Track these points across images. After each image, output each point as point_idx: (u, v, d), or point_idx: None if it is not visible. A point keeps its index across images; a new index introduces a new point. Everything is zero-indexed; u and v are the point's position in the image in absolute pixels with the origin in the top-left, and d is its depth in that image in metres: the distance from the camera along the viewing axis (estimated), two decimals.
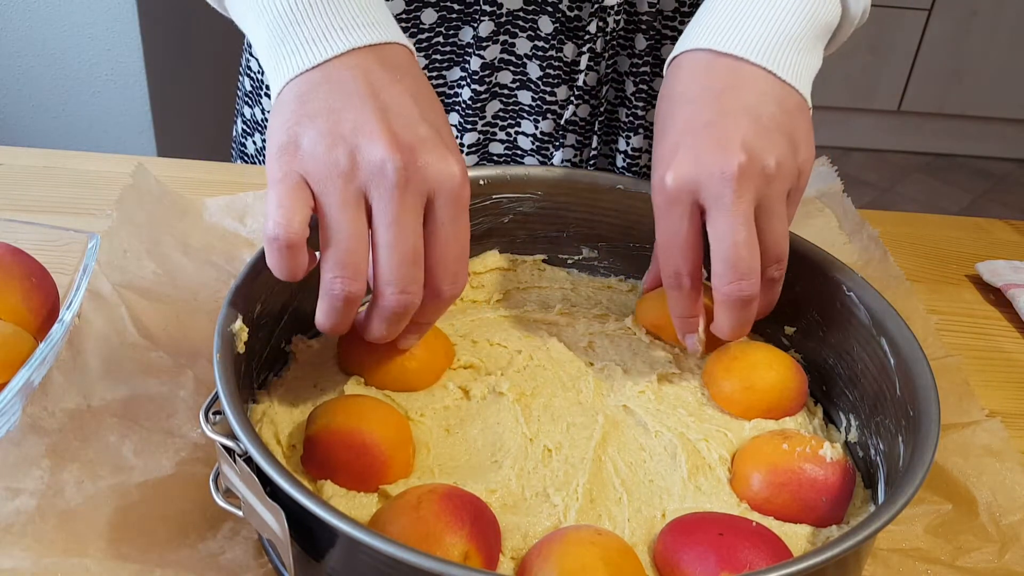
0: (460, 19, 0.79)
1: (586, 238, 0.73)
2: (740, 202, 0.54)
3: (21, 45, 1.81)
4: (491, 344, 0.65)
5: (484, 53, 0.79)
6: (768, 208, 0.55)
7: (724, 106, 0.56)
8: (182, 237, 0.76)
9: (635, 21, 0.81)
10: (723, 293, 0.55)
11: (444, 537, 0.47)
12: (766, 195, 0.55)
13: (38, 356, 0.57)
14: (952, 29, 2.72)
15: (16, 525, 0.52)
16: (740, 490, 0.56)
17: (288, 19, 0.52)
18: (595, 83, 0.81)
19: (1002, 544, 0.59)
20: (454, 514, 0.48)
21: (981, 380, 0.74)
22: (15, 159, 0.88)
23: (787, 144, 0.55)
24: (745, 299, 0.55)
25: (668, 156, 0.56)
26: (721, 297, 0.56)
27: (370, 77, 0.51)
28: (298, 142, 0.49)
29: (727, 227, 0.54)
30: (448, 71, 0.82)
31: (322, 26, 0.52)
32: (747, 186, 0.54)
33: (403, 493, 0.51)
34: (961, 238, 0.94)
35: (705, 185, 0.54)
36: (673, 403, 0.62)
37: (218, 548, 0.54)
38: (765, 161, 0.54)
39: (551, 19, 0.78)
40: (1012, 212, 2.73)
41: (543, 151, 0.85)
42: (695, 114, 0.56)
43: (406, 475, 0.55)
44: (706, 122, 0.56)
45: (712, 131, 0.55)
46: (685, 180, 0.55)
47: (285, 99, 0.51)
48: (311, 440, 0.54)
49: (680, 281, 0.58)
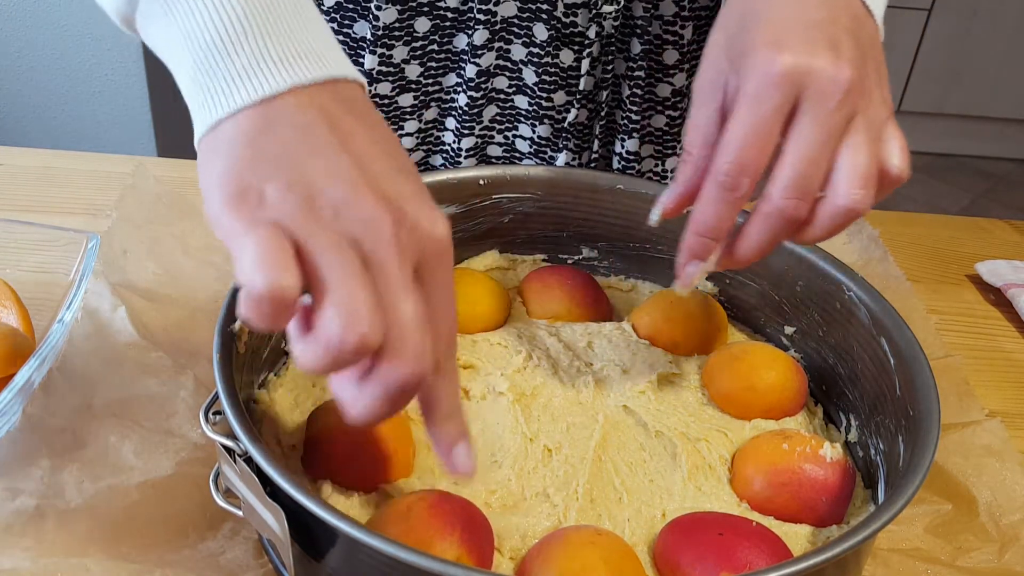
0: (454, 27, 0.79)
1: (586, 238, 0.73)
2: (837, 114, 0.48)
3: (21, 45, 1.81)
4: (491, 344, 0.65)
5: (480, 61, 0.79)
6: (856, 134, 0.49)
7: (832, 15, 0.50)
8: (182, 237, 0.76)
9: (630, 25, 0.80)
10: (772, 204, 0.49)
11: (434, 543, 0.47)
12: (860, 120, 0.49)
13: (38, 356, 0.57)
14: (952, 29, 2.72)
15: (16, 525, 0.52)
16: (740, 490, 0.56)
17: (219, 47, 0.44)
18: (592, 87, 0.81)
19: (1002, 544, 0.59)
20: (444, 520, 0.48)
21: (981, 380, 0.74)
22: (15, 159, 0.88)
23: (878, 76, 0.51)
24: (789, 219, 0.49)
25: (774, 40, 0.49)
26: (768, 208, 0.49)
27: (332, 120, 0.44)
28: (259, 191, 0.41)
29: (813, 137, 0.48)
30: (444, 77, 0.81)
31: (259, 56, 0.44)
32: (849, 101, 0.48)
33: (393, 501, 0.51)
34: (961, 238, 0.94)
35: (816, 79, 0.48)
36: (673, 403, 0.62)
37: (218, 548, 0.54)
38: (864, 83, 0.49)
39: (546, 26, 0.78)
40: (1012, 212, 2.73)
41: (540, 154, 0.85)
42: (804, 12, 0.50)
43: (407, 474, 0.55)
44: (818, 21, 0.50)
45: (824, 33, 0.49)
46: (801, 67, 0.48)
47: (224, 139, 0.43)
48: (312, 441, 0.54)
49: (738, 181, 0.50)
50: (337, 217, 0.42)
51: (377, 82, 0.80)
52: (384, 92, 0.81)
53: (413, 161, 0.48)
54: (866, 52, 0.51)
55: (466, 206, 0.70)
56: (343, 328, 0.40)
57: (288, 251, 0.40)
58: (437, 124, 0.84)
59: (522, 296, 0.70)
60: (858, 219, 0.50)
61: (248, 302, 0.39)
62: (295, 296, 0.40)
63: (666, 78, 0.83)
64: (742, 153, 0.49)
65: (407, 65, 0.80)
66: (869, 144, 0.49)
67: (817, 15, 0.50)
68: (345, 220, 0.42)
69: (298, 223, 0.41)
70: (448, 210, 0.69)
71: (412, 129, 0.83)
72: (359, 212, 0.42)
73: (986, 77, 2.79)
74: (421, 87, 0.81)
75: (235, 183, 0.42)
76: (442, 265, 0.45)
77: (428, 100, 0.83)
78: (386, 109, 0.82)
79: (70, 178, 0.86)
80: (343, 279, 0.41)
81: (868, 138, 0.49)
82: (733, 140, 0.49)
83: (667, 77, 0.83)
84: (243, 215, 0.41)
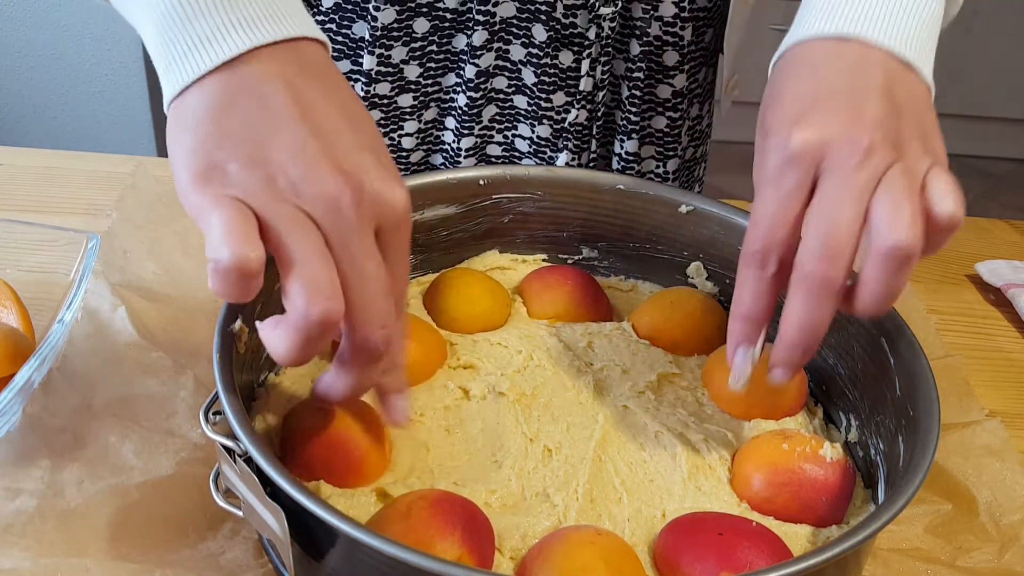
0: (453, 27, 0.79)
1: (586, 238, 0.73)
2: (860, 173, 0.47)
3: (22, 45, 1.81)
4: (491, 344, 0.65)
5: (479, 61, 0.79)
6: (888, 184, 0.47)
7: (855, 82, 0.50)
8: (182, 237, 0.76)
9: (630, 26, 0.80)
10: (803, 272, 0.47)
11: (435, 543, 0.47)
12: (893, 171, 0.48)
13: (38, 356, 0.57)
14: (952, 29, 2.70)
15: (16, 525, 0.52)
16: (740, 490, 0.56)
17: (180, 12, 0.44)
18: (592, 88, 0.81)
19: (1002, 544, 0.59)
20: (444, 519, 0.48)
21: (981, 380, 0.74)
22: (15, 159, 0.88)
23: (917, 130, 0.50)
24: (823, 284, 0.47)
25: (792, 118, 0.49)
26: (799, 277, 0.48)
27: (294, 90, 0.45)
28: (224, 169, 0.43)
29: (835, 198, 0.47)
30: (443, 78, 0.81)
31: (221, 20, 0.44)
32: (872, 159, 0.47)
33: (393, 501, 0.51)
34: (961, 238, 0.93)
35: (832, 148, 0.48)
36: (673, 403, 0.62)
37: (218, 548, 0.54)
38: (896, 139, 0.48)
39: (544, 27, 0.78)
40: (1012, 212, 2.73)
41: (540, 154, 0.85)
42: (823, 83, 0.50)
43: (381, 473, 0.54)
44: (836, 91, 0.50)
45: (844, 101, 0.49)
46: (813, 142, 0.48)
47: (191, 111, 0.44)
48: (286, 441, 0.54)
49: (766, 259, 0.49)
50: (297, 193, 0.43)
51: (376, 82, 0.80)
52: (383, 92, 0.81)
53: (375, 123, 0.49)
54: (902, 107, 0.50)
55: (466, 206, 0.70)
56: (307, 301, 0.42)
57: (252, 226, 0.42)
58: (437, 124, 0.84)
59: (522, 296, 0.70)
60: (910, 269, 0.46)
61: (215, 274, 0.42)
62: (259, 267, 0.42)
63: (666, 79, 0.83)
64: (768, 233, 0.49)
65: (406, 65, 0.80)
66: (906, 189, 0.47)
67: (838, 83, 0.50)
68: (305, 196, 0.43)
69: (260, 200, 0.43)
70: (448, 210, 0.69)
71: (412, 129, 0.83)
72: (319, 188, 0.43)
73: (986, 77, 2.79)
74: (420, 87, 0.81)
75: (201, 160, 0.43)
76: (398, 234, 0.47)
77: (428, 100, 0.83)
78: (385, 109, 0.82)
79: (70, 178, 0.86)
80: (305, 255, 0.43)
81: (904, 184, 0.47)
82: (758, 222, 0.49)
83: (667, 78, 0.83)
84: (208, 192, 0.43)
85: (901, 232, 0.46)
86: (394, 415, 0.52)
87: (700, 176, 0.96)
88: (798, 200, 0.48)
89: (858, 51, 0.51)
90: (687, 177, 0.93)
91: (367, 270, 0.45)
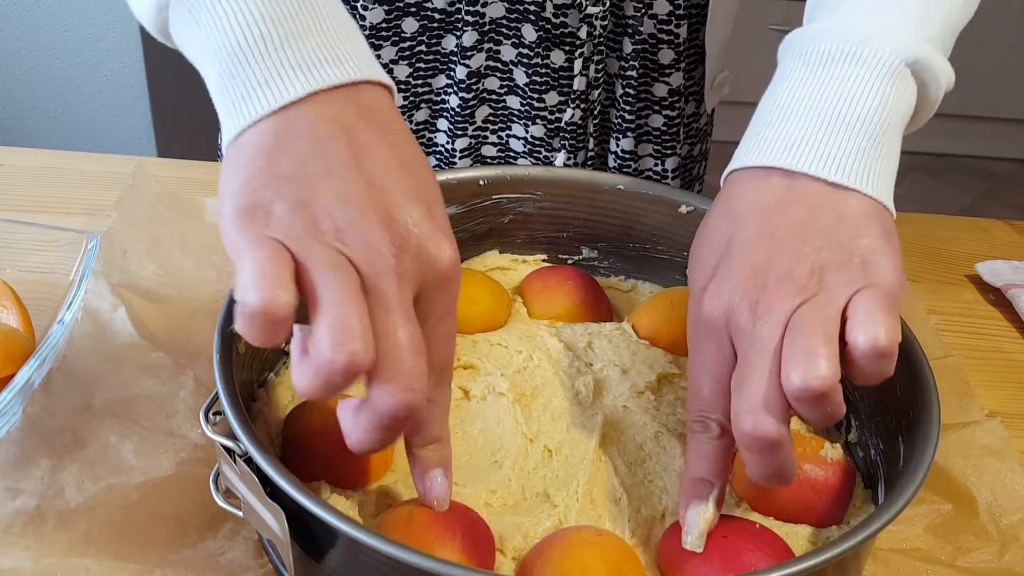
0: (442, 27, 0.79)
1: (586, 238, 0.73)
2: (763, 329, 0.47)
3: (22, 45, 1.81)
4: (491, 344, 0.65)
5: (469, 62, 0.79)
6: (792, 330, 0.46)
7: (769, 226, 0.50)
8: (182, 237, 0.76)
9: (622, 24, 0.80)
10: (739, 436, 0.47)
11: (435, 549, 0.47)
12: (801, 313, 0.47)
13: (38, 356, 0.57)
14: None
15: (16, 525, 0.52)
16: (740, 490, 0.56)
17: (242, 53, 0.44)
18: (585, 87, 0.81)
19: (1002, 544, 0.59)
20: (444, 525, 0.48)
21: (981, 380, 0.74)
22: (15, 159, 0.88)
23: (846, 255, 0.48)
24: (763, 442, 0.46)
25: (702, 281, 0.51)
26: (738, 439, 0.47)
27: (349, 135, 0.44)
28: (268, 209, 0.42)
29: (743, 358, 0.47)
30: (433, 79, 0.81)
31: (279, 63, 0.44)
32: (774, 313, 0.47)
33: (394, 508, 0.51)
34: (961, 238, 0.94)
35: (735, 314, 0.48)
36: (673, 403, 0.62)
37: (218, 548, 0.54)
38: (808, 278, 0.47)
39: (534, 27, 0.78)
40: (1012, 212, 2.73)
41: (535, 154, 0.85)
42: (737, 230, 0.50)
43: (384, 473, 0.54)
44: (746, 242, 0.50)
45: (751, 253, 0.49)
46: (718, 312, 0.49)
47: (245, 151, 0.43)
48: (288, 441, 0.54)
49: (707, 425, 0.50)
50: (340, 239, 0.42)
51: None
52: None
53: (433, 173, 0.47)
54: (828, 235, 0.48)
55: (466, 206, 0.70)
56: (332, 347, 0.40)
57: (287, 270, 0.41)
58: (428, 126, 0.84)
59: (522, 296, 0.70)
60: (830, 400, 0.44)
61: (242, 317, 0.40)
62: (287, 314, 0.40)
63: (662, 78, 0.83)
64: (701, 402, 0.50)
65: (395, 66, 0.80)
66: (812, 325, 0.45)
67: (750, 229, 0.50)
68: (348, 243, 0.42)
69: (301, 243, 0.42)
70: (448, 210, 0.69)
71: None
72: (363, 236, 0.42)
73: (986, 77, 2.78)
74: (410, 88, 0.81)
75: (247, 198, 0.42)
76: (444, 293, 0.45)
77: (418, 101, 0.83)
78: None
79: (70, 178, 0.86)
80: (337, 299, 0.41)
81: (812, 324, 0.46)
82: (692, 390, 0.51)
83: (663, 77, 0.83)
84: (249, 231, 0.42)
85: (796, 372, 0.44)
86: (431, 494, 0.48)
87: (700, 175, 0.96)
88: (721, 364, 0.49)
89: (780, 184, 0.50)
90: (687, 176, 0.93)
91: (398, 323, 0.42)
